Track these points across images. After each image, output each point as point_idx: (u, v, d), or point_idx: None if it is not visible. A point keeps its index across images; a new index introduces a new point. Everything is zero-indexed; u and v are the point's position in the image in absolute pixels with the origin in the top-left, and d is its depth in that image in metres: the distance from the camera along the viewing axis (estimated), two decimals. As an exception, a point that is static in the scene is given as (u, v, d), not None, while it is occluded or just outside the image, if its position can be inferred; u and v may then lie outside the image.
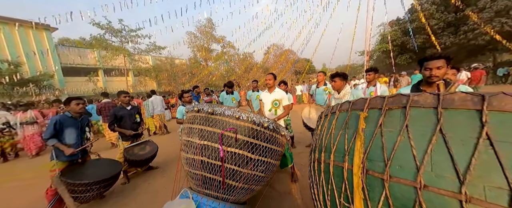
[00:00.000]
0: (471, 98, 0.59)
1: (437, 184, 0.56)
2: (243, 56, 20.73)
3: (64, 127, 2.24)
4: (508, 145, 0.50)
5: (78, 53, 17.86)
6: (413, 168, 0.61)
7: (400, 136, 0.67)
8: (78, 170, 2.29)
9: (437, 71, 1.42)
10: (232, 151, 1.59)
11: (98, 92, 17.47)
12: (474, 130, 0.55)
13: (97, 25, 12.80)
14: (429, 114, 0.65)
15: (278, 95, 2.77)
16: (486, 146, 0.52)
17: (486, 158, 0.52)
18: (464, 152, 0.54)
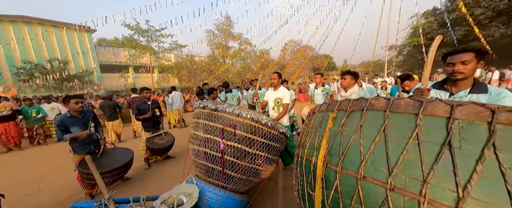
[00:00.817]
0: (413, 103, 0.65)
1: (372, 175, 0.65)
2: (260, 53, 20.78)
3: (68, 126, 2.45)
4: (430, 145, 0.57)
5: (112, 52, 19.93)
6: (358, 162, 0.70)
7: (354, 135, 0.76)
8: (94, 160, 2.65)
9: (462, 67, 1.20)
10: (231, 145, 1.77)
11: (128, 87, 19.35)
12: (409, 131, 0.62)
13: (128, 26, 14.11)
14: (380, 116, 0.72)
15: (280, 93, 2.86)
16: (414, 145, 0.60)
17: (412, 155, 0.59)
18: (397, 149, 0.62)
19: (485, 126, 0.52)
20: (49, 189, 3.03)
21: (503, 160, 0.47)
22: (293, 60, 22.00)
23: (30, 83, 13.40)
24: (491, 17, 17.42)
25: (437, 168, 0.54)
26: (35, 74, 14.18)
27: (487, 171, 0.49)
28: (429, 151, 0.57)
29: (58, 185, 3.17)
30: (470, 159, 0.51)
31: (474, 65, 1.19)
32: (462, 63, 1.19)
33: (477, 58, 1.19)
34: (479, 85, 1.25)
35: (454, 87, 1.32)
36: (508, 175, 0.46)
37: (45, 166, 4.07)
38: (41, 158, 4.78)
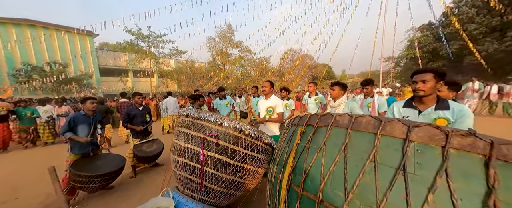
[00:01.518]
0: (373, 121, 0.62)
1: (329, 200, 0.60)
2: (260, 60, 21.05)
3: (77, 123, 2.59)
4: (386, 168, 0.53)
5: (113, 56, 20.10)
6: (319, 184, 0.66)
7: (318, 153, 0.72)
8: (86, 163, 2.59)
9: (422, 85, 1.38)
10: (212, 156, 1.71)
11: (127, 91, 19.32)
12: (367, 152, 0.58)
13: (129, 32, 14.34)
14: (342, 134, 0.69)
15: (272, 102, 2.83)
16: (371, 168, 0.55)
17: (368, 179, 0.55)
18: (355, 172, 0.58)
19: (439, 151, 0.49)
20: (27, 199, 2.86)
21: (455, 190, 0.43)
22: (292, 69, 22.25)
23: (27, 85, 13.36)
24: (484, 32, 17.94)
25: (390, 195, 0.50)
26: (33, 76, 14.19)
27: (438, 201, 0.44)
28: (384, 175, 0.53)
29: (37, 195, 3.00)
30: (422, 186, 0.48)
31: (434, 84, 1.36)
32: (422, 81, 1.37)
33: (436, 78, 1.36)
34: (443, 102, 1.40)
35: (421, 105, 1.46)
36: (459, 207, 0.42)
37: (27, 172, 3.93)
38: (26, 162, 4.64)
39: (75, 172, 2.31)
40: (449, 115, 1.34)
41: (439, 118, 1.38)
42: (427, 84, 1.37)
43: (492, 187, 0.41)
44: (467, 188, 0.44)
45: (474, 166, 0.45)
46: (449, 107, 1.37)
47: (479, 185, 0.43)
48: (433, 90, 1.39)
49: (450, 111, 1.36)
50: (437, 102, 1.41)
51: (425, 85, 1.37)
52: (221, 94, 4.83)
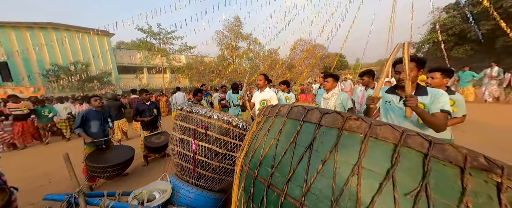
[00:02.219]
0: (301, 110, 0.71)
1: (262, 175, 0.73)
2: (268, 52, 20.79)
3: (89, 118, 2.89)
4: (301, 148, 0.64)
5: (128, 54, 21.18)
6: (257, 164, 0.77)
7: (262, 138, 0.83)
8: (99, 155, 2.90)
9: (403, 75, 1.39)
10: (203, 145, 1.88)
11: (142, 87, 20.40)
12: (293, 135, 0.68)
13: (141, 30, 14.94)
14: (281, 122, 0.78)
15: (266, 95, 2.92)
16: (291, 148, 0.65)
17: (287, 157, 0.65)
18: (281, 152, 0.69)
19: (336, 132, 0.60)
20: (59, 182, 3.36)
21: (337, 161, 0.56)
22: (301, 59, 21.70)
23: (56, 84, 14.74)
24: (523, 9, 15.67)
25: (298, 168, 0.63)
26: (61, 75, 15.58)
27: (325, 170, 0.57)
28: (298, 153, 0.65)
29: (66, 177, 3.50)
30: (318, 159, 0.60)
31: (416, 73, 1.42)
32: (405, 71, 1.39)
33: (418, 67, 1.42)
34: (421, 88, 1.48)
35: (403, 92, 1.49)
36: (336, 172, 0.54)
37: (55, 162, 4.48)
38: (51, 155, 5.22)
39: (90, 163, 2.64)
40: (426, 100, 1.41)
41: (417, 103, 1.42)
42: (411, 73, 1.39)
43: (359, 158, 0.53)
44: (346, 159, 0.55)
45: (355, 143, 0.55)
46: (427, 92, 1.44)
47: (354, 156, 0.54)
48: (415, 79, 1.45)
49: (427, 97, 1.43)
50: (416, 89, 1.48)
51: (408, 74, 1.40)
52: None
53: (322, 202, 0.54)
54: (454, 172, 0.46)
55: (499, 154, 2.73)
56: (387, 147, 0.52)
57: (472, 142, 3.90)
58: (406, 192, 0.47)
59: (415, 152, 0.50)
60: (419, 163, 0.48)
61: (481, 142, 3.87)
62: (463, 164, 0.46)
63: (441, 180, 0.46)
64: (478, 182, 0.44)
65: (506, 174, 0.43)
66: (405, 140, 0.51)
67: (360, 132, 0.55)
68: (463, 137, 4.25)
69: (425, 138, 0.50)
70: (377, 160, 0.52)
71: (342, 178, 0.54)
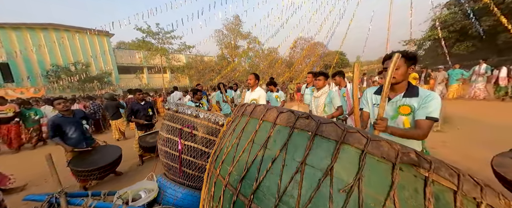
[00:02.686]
0: (262, 109, 0.72)
1: (222, 174, 0.74)
2: (268, 51, 20.73)
3: (61, 126, 2.62)
4: (257, 146, 0.66)
5: (128, 54, 21.26)
6: (221, 162, 0.77)
7: (228, 137, 0.83)
8: (84, 158, 2.74)
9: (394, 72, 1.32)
10: (189, 145, 1.89)
11: (142, 87, 20.49)
12: (250, 134, 0.68)
13: (140, 30, 14.98)
14: (244, 121, 0.78)
15: (256, 94, 2.92)
16: (249, 146, 0.66)
17: (245, 156, 0.66)
18: (240, 150, 0.70)
19: (288, 130, 0.61)
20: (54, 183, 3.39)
21: (285, 158, 0.58)
22: (301, 58, 21.58)
23: (57, 84, 14.85)
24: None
25: (252, 166, 0.64)
26: (61, 76, 15.69)
27: (275, 166, 0.59)
28: (254, 151, 0.66)
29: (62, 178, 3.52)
30: (270, 157, 0.61)
31: (405, 69, 1.31)
32: (395, 68, 1.25)
33: (407, 63, 1.31)
34: (412, 89, 1.36)
35: (392, 92, 1.42)
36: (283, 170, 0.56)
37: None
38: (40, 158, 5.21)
39: (74, 168, 2.54)
40: (415, 102, 1.31)
41: (403, 105, 1.35)
42: (399, 70, 1.31)
43: (304, 155, 0.55)
44: (293, 157, 0.57)
45: (303, 141, 0.57)
46: (417, 94, 1.32)
47: (301, 154, 0.56)
48: (404, 77, 1.33)
49: (417, 98, 1.31)
50: (406, 89, 1.37)
51: (396, 72, 1.31)
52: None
53: (268, 200, 0.55)
54: (386, 167, 0.47)
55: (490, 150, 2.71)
56: (330, 144, 0.53)
57: (464, 139, 3.89)
58: (342, 187, 0.48)
59: (354, 149, 0.50)
60: (356, 159, 0.49)
61: (473, 138, 3.86)
62: (395, 160, 0.46)
63: (374, 175, 0.47)
64: (407, 176, 0.46)
65: (433, 169, 0.44)
66: (346, 137, 0.51)
67: (308, 131, 0.57)
68: (457, 134, 4.23)
69: (363, 135, 0.50)
70: (321, 157, 0.53)
71: (287, 175, 0.55)
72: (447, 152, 3.38)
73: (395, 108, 1.39)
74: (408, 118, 1.33)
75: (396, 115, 1.38)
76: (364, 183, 0.47)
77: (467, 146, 3.49)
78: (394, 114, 1.39)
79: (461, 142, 3.72)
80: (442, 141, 3.86)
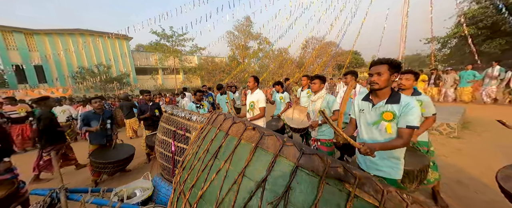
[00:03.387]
0: (221, 119, 0.74)
1: (181, 180, 0.76)
2: (278, 52, 20.62)
3: (89, 120, 3.07)
4: (209, 155, 0.68)
5: (145, 56, 22.44)
6: (182, 169, 0.80)
7: (191, 145, 0.86)
8: (102, 152, 3.11)
9: (377, 78, 1.35)
10: (181, 146, 1.96)
11: (158, 87, 21.49)
12: (209, 142, 0.70)
13: (155, 33, 15.75)
14: (211, 132, 0.81)
15: (255, 97, 2.93)
16: (204, 155, 0.68)
17: (198, 164, 0.69)
18: (196, 159, 0.72)
19: (237, 140, 0.64)
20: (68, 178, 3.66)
21: (228, 169, 0.60)
22: (312, 58, 21.08)
23: (82, 85, 16.16)
24: None
25: (201, 173, 0.67)
26: (86, 77, 17.05)
27: (220, 173, 0.61)
28: (206, 160, 0.69)
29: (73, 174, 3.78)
30: (219, 164, 0.63)
31: (388, 76, 1.34)
32: (377, 74, 1.35)
33: (390, 70, 1.34)
34: (394, 96, 1.38)
35: (376, 98, 1.45)
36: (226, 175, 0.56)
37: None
38: None
39: (93, 159, 2.89)
40: (396, 109, 1.34)
41: (386, 111, 1.38)
42: (382, 77, 1.34)
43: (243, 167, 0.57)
44: (235, 168, 0.59)
45: (246, 152, 0.58)
46: (399, 101, 1.35)
47: (242, 165, 0.58)
48: (387, 83, 1.36)
49: (398, 105, 1.34)
50: (389, 96, 1.39)
51: (379, 78, 1.35)
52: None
53: (207, 209, 0.56)
54: (314, 181, 0.47)
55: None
56: (268, 157, 0.53)
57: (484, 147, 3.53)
58: (272, 199, 0.49)
59: (288, 162, 0.50)
60: (288, 173, 0.49)
61: (494, 147, 3.50)
62: (322, 173, 0.46)
63: (303, 188, 0.47)
64: (332, 190, 0.46)
65: (357, 184, 0.43)
66: (282, 150, 0.51)
67: (252, 142, 0.58)
68: (477, 141, 3.85)
69: (298, 148, 0.50)
70: (259, 169, 0.54)
71: (227, 186, 0.56)
72: (461, 160, 3.10)
73: (378, 114, 1.41)
74: (390, 124, 1.35)
75: (379, 120, 1.40)
76: (293, 196, 0.47)
77: (485, 155, 3.17)
78: (377, 119, 1.41)
79: (480, 151, 3.39)
80: (458, 149, 3.55)
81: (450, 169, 2.81)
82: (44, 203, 1.43)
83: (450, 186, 2.44)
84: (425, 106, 2.01)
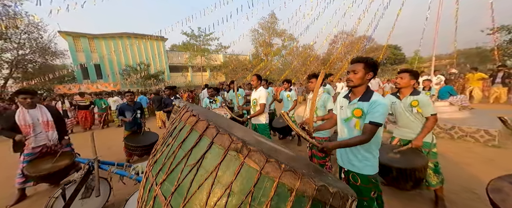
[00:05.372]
0: (188, 115, 0.95)
1: (152, 174, 0.94)
2: (302, 48, 20.00)
3: (124, 110, 3.81)
4: (182, 152, 0.78)
5: (177, 55, 24.62)
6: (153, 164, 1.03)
7: (161, 139, 1.10)
8: (134, 137, 3.79)
9: (352, 75, 1.42)
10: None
11: (187, 84, 23.40)
12: (181, 138, 0.88)
13: (185, 34, 17.17)
14: (177, 124, 1.04)
15: (257, 94, 3.11)
16: (178, 150, 0.88)
17: (171, 159, 0.93)
18: (167, 154, 0.86)
19: (209, 141, 0.74)
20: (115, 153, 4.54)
21: (199, 167, 0.76)
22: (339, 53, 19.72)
23: (127, 80, 18.85)
24: None
25: (175, 169, 0.77)
26: (131, 74, 19.82)
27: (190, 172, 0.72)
28: (180, 155, 0.79)
29: (113, 152, 4.66)
30: (192, 161, 0.73)
31: (362, 74, 1.40)
32: (353, 72, 1.42)
33: (365, 69, 1.39)
34: (367, 94, 1.43)
35: (352, 95, 1.51)
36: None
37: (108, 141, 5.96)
38: (109, 135, 6.84)
39: (126, 142, 3.58)
40: (366, 106, 1.39)
41: (357, 108, 1.44)
42: (357, 74, 1.40)
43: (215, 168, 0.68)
44: (207, 170, 0.69)
45: (219, 154, 0.68)
46: (369, 99, 1.40)
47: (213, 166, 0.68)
48: (362, 81, 1.42)
49: (368, 103, 1.39)
50: (363, 93, 1.44)
51: (355, 76, 1.41)
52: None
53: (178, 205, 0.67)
54: (221, 152, 0.66)
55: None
56: (220, 151, 0.67)
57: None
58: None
59: (208, 139, 0.70)
60: (205, 146, 0.68)
61: None
62: (227, 147, 0.66)
63: (213, 156, 0.66)
64: (230, 158, 0.65)
65: (248, 155, 0.63)
66: (206, 131, 0.71)
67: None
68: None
69: (216, 129, 0.68)
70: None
71: (196, 184, 0.67)
72: (486, 171, 2.70)
73: (351, 110, 1.47)
74: (359, 121, 1.40)
75: (351, 117, 1.46)
76: (206, 162, 0.69)
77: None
78: (349, 116, 1.47)
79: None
80: (490, 159, 3.07)
81: (467, 178, 2.52)
82: (84, 170, 1.95)
83: (460, 195, 2.26)
84: (422, 106, 1.94)
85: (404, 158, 1.86)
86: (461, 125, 4.00)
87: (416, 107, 1.95)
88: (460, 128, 4.00)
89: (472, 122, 4.04)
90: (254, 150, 0.66)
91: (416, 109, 1.95)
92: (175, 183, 0.73)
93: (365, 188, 1.42)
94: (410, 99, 1.99)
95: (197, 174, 0.70)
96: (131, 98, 3.89)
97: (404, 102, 2.03)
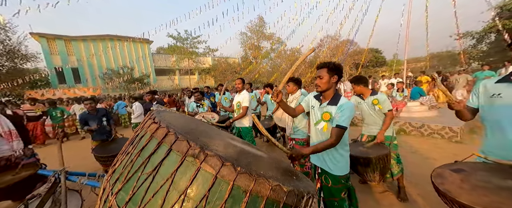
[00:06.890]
0: (149, 122, 0.92)
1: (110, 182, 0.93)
2: (291, 52, 20.45)
3: (87, 120, 3.34)
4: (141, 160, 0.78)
5: (163, 58, 23.99)
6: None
7: (126, 145, 1.06)
8: (104, 147, 3.30)
9: (318, 80, 1.48)
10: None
11: (174, 87, 22.83)
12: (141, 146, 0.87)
13: (171, 37, 16.82)
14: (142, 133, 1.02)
15: (240, 97, 3.13)
16: (136, 158, 0.85)
17: (130, 168, 0.90)
18: (127, 162, 0.86)
19: (167, 148, 0.74)
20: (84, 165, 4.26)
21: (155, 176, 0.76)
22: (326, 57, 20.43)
23: (109, 85, 17.95)
24: None
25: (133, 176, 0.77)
26: (113, 77, 18.89)
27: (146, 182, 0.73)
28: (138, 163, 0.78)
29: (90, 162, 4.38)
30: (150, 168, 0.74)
31: (328, 78, 1.45)
32: (319, 77, 1.48)
33: (329, 73, 1.44)
34: (335, 98, 1.49)
35: (323, 98, 1.56)
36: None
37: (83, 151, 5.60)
38: (84, 145, 5.77)
39: (95, 154, 3.15)
40: (333, 110, 1.45)
41: (325, 112, 1.50)
42: (323, 79, 1.46)
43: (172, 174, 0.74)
44: (164, 176, 0.69)
45: (177, 160, 0.69)
46: (337, 102, 1.46)
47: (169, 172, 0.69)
48: (328, 85, 1.47)
49: (335, 107, 1.45)
50: (331, 98, 1.50)
51: (321, 81, 1.47)
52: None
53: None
54: (178, 158, 0.67)
55: None
56: (177, 157, 0.67)
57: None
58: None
59: (167, 146, 0.69)
60: (163, 154, 0.69)
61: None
62: (184, 154, 0.67)
63: (170, 163, 0.67)
64: (187, 164, 0.66)
65: (205, 160, 0.65)
66: (164, 138, 0.71)
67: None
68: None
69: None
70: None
71: (151, 192, 0.67)
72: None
73: (320, 114, 1.52)
74: (327, 124, 1.46)
75: (320, 120, 1.51)
76: (163, 168, 0.70)
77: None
78: (319, 119, 1.53)
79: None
80: (454, 153, 3.35)
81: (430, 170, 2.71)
82: (49, 182, 1.82)
83: (422, 185, 2.49)
84: (381, 103, 2.24)
85: (371, 150, 2.07)
86: (429, 123, 4.33)
87: (377, 105, 2.26)
88: (428, 126, 4.33)
89: (438, 120, 4.39)
90: (211, 155, 0.67)
91: (378, 106, 2.26)
92: (130, 192, 0.72)
93: (335, 189, 1.47)
94: (371, 99, 2.31)
95: (153, 181, 0.70)
96: (91, 107, 3.39)
97: (367, 102, 2.35)
